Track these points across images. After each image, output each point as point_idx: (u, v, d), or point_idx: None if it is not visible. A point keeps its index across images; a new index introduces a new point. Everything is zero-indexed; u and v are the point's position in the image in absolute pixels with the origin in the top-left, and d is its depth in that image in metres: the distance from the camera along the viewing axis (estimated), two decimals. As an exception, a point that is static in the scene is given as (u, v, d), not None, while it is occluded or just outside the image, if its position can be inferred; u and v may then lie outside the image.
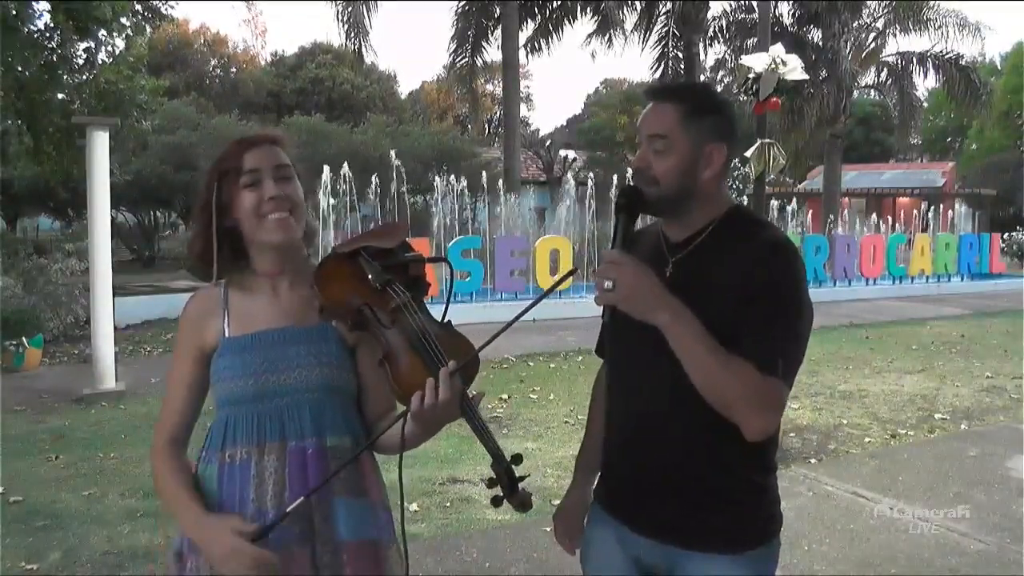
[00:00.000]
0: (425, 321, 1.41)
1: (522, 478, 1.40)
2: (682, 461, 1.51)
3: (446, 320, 1.45)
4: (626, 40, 18.15)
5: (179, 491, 1.45)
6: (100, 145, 6.70)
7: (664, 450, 1.52)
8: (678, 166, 1.49)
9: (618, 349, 1.64)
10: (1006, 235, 20.80)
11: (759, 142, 5.36)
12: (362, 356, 1.54)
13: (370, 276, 1.46)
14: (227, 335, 1.50)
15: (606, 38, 17.76)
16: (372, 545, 1.48)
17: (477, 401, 1.39)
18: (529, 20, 17.96)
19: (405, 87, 42.73)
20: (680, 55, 17.85)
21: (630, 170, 1.58)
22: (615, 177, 12.45)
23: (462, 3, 17.58)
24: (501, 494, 1.40)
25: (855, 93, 21.39)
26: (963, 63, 18.96)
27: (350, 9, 15.95)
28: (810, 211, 19.80)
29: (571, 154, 27.92)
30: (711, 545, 1.49)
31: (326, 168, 11.60)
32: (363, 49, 16.53)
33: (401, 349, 1.37)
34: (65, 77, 9.92)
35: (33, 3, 9.22)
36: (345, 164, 12.35)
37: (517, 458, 1.41)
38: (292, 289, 1.53)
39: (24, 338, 7.77)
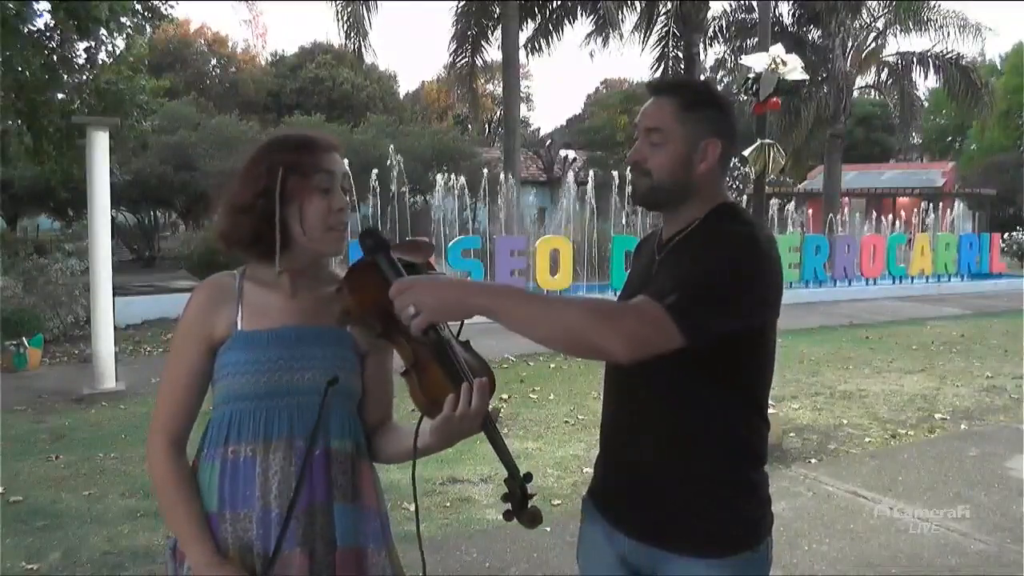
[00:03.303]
0: (451, 336, 1.42)
1: (533, 495, 1.42)
2: (662, 463, 1.50)
3: (464, 340, 1.46)
4: (623, 40, 18.15)
5: (191, 520, 1.42)
6: (100, 145, 6.69)
7: (644, 452, 1.52)
8: (673, 158, 1.49)
9: None
10: (1006, 235, 20.82)
11: (759, 142, 5.35)
12: (370, 364, 1.53)
13: None
14: (240, 328, 1.45)
15: (603, 37, 17.75)
16: (358, 552, 1.46)
17: (495, 416, 1.39)
18: (529, 20, 17.93)
19: (405, 87, 42.84)
20: (680, 55, 17.82)
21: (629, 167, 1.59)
22: (615, 176, 12.43)
23: (462, 3, 17.56)
24: (511, 509, 1.41)
25: (855, 93, 21.37)
26: (963, 63, 18.97)
27: (350, 9, 15.90)
28: (810, 211, 19.80)
29: (571, 154, 27.86)
30: (692, 548, 1.48)
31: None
32: (363, 49, 16.50)
33: (428, 360, 1.38)
34: (65, 77, 9.94)
35: (33, 3, 9.23)
36: (345, 164, 12.32)
37: (527, 476, 1.43)
38: (309, 289, 1.50)
39: (24, 338, 7.77)
